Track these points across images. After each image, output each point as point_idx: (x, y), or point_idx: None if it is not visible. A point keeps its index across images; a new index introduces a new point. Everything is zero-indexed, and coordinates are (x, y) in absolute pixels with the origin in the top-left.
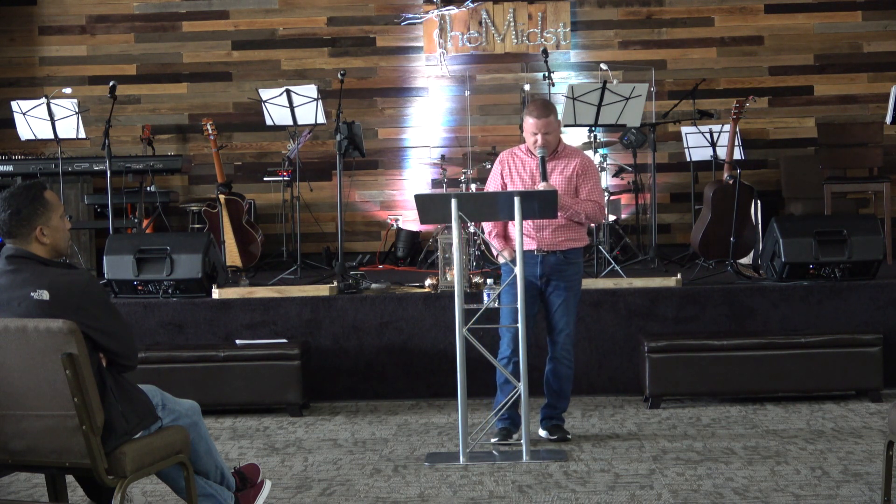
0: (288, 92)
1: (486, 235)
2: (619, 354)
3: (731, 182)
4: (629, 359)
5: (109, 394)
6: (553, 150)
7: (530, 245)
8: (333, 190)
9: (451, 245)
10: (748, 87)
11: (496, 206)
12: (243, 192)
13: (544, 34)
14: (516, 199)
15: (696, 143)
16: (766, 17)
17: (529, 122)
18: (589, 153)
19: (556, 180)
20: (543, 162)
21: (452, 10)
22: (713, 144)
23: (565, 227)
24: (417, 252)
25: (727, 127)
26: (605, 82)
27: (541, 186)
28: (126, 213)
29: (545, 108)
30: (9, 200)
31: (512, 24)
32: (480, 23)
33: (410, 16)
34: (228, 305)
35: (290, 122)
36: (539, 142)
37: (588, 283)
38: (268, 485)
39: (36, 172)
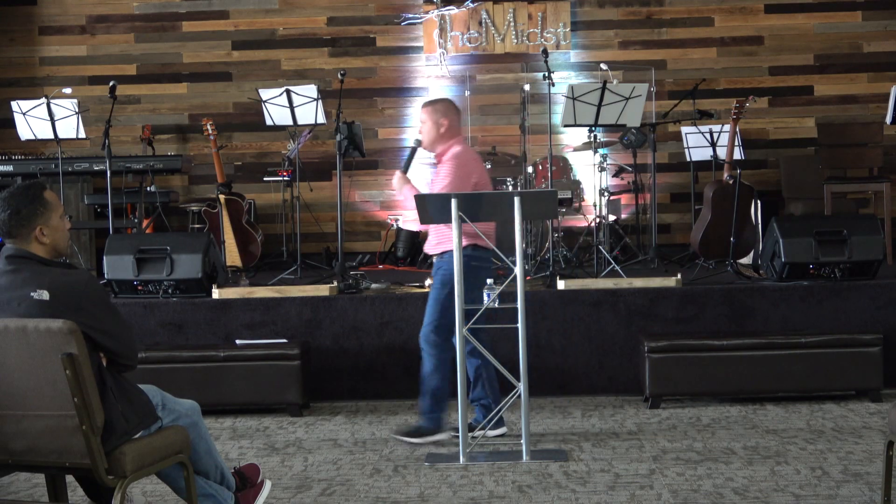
0: (288, 92)
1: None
2: (619, 354)
3: (731, 182)
4: (629, 359)
5: (109, 394)
6: (433, 149)
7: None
8: (333, 190)
9: None
10: (748, 87)
11: (496, 206)
12: (243, 192)
13: (544, 34)
14: (516, 200)
15: (696, 143)
16: (766, 17)
17: None
18: (589, 153)
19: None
20: (412, 153)
21: (452, 10)
22: (713, 144)
23: (435, 231)
24: (417, 252)
25: (727, 127)
26: (605, 82)
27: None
28: (126, 213)
29: (429, 102)
30: (9, 200)
31: (512, 24)
32: (480, 23)
33: (410, 16)
34: (228, 305)
35: (290, 122)
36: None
37: (588, 283)
38: (268, 485)
39: (36, 172)
